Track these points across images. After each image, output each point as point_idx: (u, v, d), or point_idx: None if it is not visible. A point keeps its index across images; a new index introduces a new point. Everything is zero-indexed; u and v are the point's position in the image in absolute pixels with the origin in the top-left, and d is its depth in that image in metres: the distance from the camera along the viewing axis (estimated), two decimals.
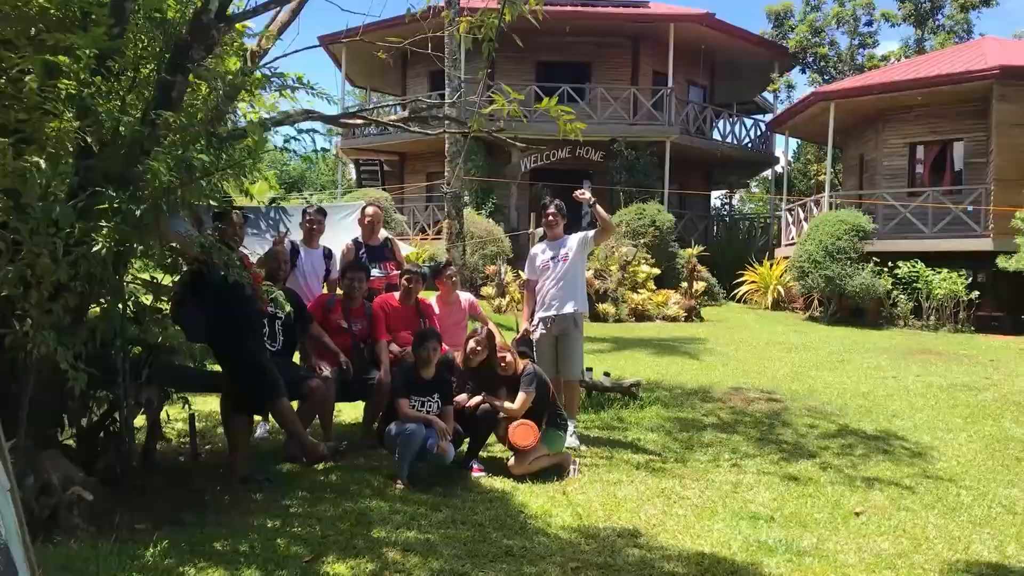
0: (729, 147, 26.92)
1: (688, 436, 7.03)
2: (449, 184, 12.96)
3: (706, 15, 23.55)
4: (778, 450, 6.68)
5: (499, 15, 6.54)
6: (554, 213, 6.93)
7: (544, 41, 22.45)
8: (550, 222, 6.96)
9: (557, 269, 6.83)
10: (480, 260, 18.05)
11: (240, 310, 5.29)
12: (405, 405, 5.50)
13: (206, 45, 4.88)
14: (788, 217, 22.82)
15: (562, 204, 7.02)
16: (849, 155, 23.88)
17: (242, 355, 5.34)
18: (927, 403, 8.73)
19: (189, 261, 5.02)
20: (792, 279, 18.57)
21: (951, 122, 19.25)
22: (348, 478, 5.48)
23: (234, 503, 4.83)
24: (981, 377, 10.56)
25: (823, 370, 10.83)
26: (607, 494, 5.37)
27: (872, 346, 13.70)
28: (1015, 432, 7.53)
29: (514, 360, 5.94)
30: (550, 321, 6.80)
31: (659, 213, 20.15)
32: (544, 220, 7.04)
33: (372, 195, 21.92)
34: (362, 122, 6.62)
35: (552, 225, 6.96)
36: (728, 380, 9.65)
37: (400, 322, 6.61)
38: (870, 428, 7.54)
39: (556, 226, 6.96)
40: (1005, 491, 5.77)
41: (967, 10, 30.36)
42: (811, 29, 31.37)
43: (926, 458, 6.60)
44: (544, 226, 7.07)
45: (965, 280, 16.46)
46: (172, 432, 6.36)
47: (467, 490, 5.34)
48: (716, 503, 5.28)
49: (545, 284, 6.87)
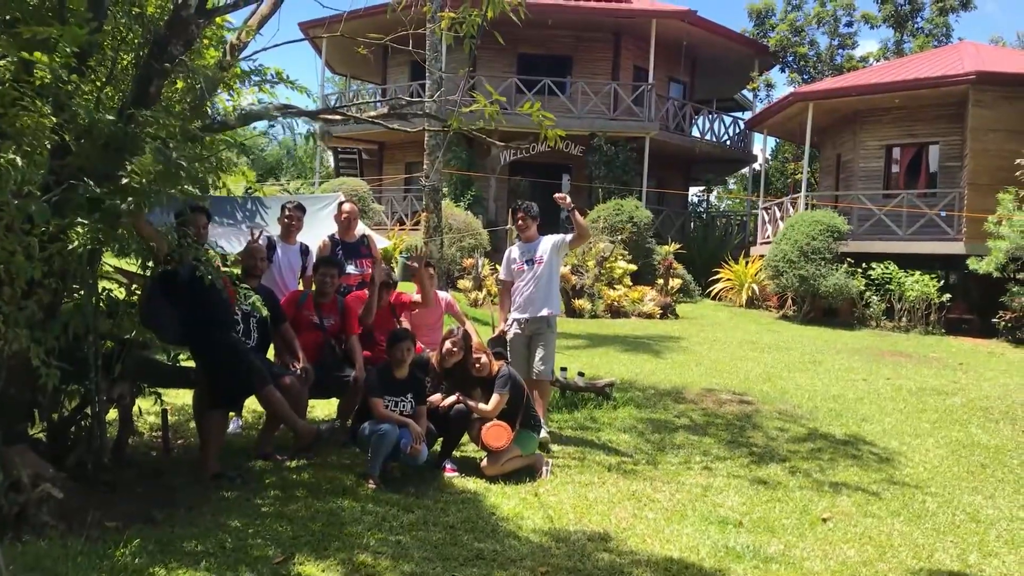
0: (708, 144, 27.06)
1: (660, 438, 7.09)
2: (428, 177, 12.93)
3: (688, 12, 23.60)
4: (748, 453, 6.75)
5: (482, 14, 6.54)
6: (523, 216, 6.92)
7: (525, 34, 22.35)
8: (520, 226, 6.97)
9: (531, 272, 6.87)
10: (458, 252, 18.04)
11: (213, 306, 5.30)
12: (379, 405, 5.51)
13: (185, 40, 4.84)
14: (764, 216, 22.98)
15: (532, 206, 7.00)
16: (826, 155, 24.08)
17: (222, 349, 5.33)
18: (896, 407, 8.85)
19: (161, 258, 5.00)
20: (767, 278, 18.72)
21: (927, 125, 19.46)
22: (320, 476, 5.48)
23: (205, 500, 4.81)
24: (950, 381, 10.71)
25: (795, 371, 10.94)
26: (578, 496, 5.41)
27: (844, 347, 13.85)
28: (981, 438, 7.66)
29: (489, 361, 5.96)
30: (524, 322, 6.84)
31: (637, 209, 20.22)
32: (515, 224, 7.05)
33: (350, 184, 21.83)
34: (341, 118, 6.58)
35: (523, 228, 6.97)
36: (701, 381, 9.73)
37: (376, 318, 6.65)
38: (839, 432, 7.64)
39: (527, 229, 6.97)
40: (969, 498, 5.88)
41: (946, 13, 30.65)
42: (792, 28, 31.54)
43: (893, 464, 6.70)
44: (515, 229, 7.08)
45: (937, 283, 16.67)
46: (144, 426, 6.33)
47: (439, 491, 5.36)
48: (686, 507, 5.33)
49: (519, 286, 6.91)
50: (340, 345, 6.41)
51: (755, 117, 26.25)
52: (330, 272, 6.41)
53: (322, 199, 11.18)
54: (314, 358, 6.13)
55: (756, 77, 27.84)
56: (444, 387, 6.04)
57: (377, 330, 6.56)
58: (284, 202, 7.41)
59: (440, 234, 13.23)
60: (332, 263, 6.58)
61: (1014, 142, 16.31)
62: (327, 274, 6.39)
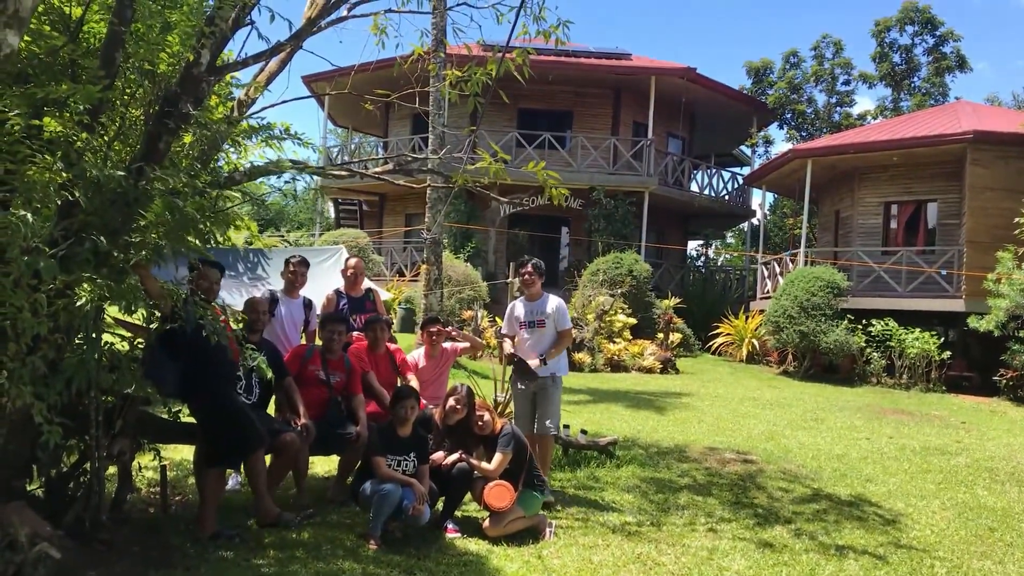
0: (706, 199, 27.25)
1: (664, 498, 7.00)
2: (430, 230, 12.98)
3: (687, 69, 23.92)
4: (753, 515, 6.66)
5: (488, 72, 6.61)
6: (531, 272, 6.92)
7: (526, 89, 22.51)
8: (527, 281, 6.96)
9: (534, 334, 6.88)
10: (457, 304, 18.03)
11: (217, 363, 5.28)
12: (382, 464, 5.45)
13: (195, 97, 4.88)
14: (764, 271, 23.05)
15: (540, 263, 7.02)
16: (824, 211, 24.22)
17: (220, 408, 5.29)
18: (900, 467, 8.76)
19: (167, 313, 4.97)
20: (767, 333, 18.71)
21: (925, 183, 19.62)
22: (320, 536, 5.39)
23: (203, 560, 4.73)
24: (953, 440, 10.63)
25: (798, 429, 10.86)
26: (583, 559, 5.32)
27: (846, 404, 13.78)
28: (988, 501, 7.57)
29: (492, 419, 5.91)
30: (528, 382, 6.82)
31: (636, 263, 20.27)
32: (521, 279, 7.04)
33: (350, 235, 21.91)
34: (347, 174, 6.63)
35: (529, 284, 6.95)
36: (704, 439, 9.65)
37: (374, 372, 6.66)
38: (844, 493, 7.55)
39: (533, 285, 6.95)
40: (979, 563, 5.78)
41: (942, 73, 31.11)
42: (790, 86, 31.98)
43: (899, 526, 6.60)
44: (521, 284, 7.08)
45: (937, 340, 16.65)
46: (142, 481, 6.24)
47: (441, 552, 5.27)
48: (692, 571, 5.24)
49: (524, 344, 6.91)
50: (346, 402, 6.36)
51: (754, 173, 26.47)
52: (337, 329, 6.40)
53: (324, 251, 11.20)
54: (318, 414, 6.08)
55: (755, 133, 28.15)
56: (446, 444, 5.98)
57: (378, 378, 6.55)
58: (287, 256, 7.41)
59: (440, 286, 13.24)
60: (340, 320, 6.58)
61: (1011, 201, 16.39)
62: (335, 331, 6.37)
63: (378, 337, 6.79)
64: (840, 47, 32.75)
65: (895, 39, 32.09)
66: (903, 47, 32.08)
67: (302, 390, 6.17)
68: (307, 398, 6.13)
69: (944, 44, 31.38)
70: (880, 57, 32.20)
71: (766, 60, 33.14)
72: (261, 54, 5.74)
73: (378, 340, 6.79)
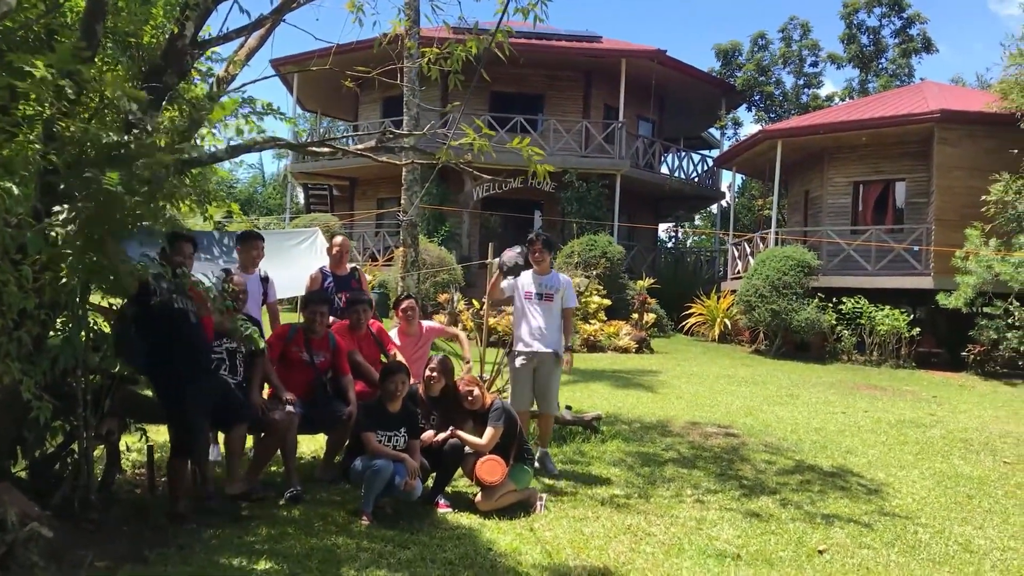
0: (677, 181, 27.34)
1: (650, 471, 7.05)
2: (406, 212, 12.90)
3: (657, 52, 23.95)
4: (739, 486, 6.73)
5: (468, 49, 6.57)
6: (541, 249, 6.96)
7: (498, 72, 22.45)
8: (537, 258, 6.98)
9: (542, 306, 6.89)
10: (432, 288, 17.97)
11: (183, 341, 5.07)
12: (372, 439, 5.42)
13: (180, 70, 4.81)
14: (734, 251, 23.21)
15: (550, 238, 7.09)
16: (794, 191, 24.42)
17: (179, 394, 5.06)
18: (878, 439, 8.89)
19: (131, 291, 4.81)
20: (739, 313, 18.86)
21: (894, 162, 19.84)
22: (311, 513, 5.36)
23: (197, 539, 4.68)
24: (926, 413, 10.81)
25: (775, 405, 10.98)
26: (574, 531, 5.34)
27: (819, 381, 13.95)
28: (964, 470, 7.71)
29: (482, 394, 5.91)
30: (532, 355, 6.84)
31: (610, 245, 20.31)
32: (531, 255, 7.02)
33: (321, 220, 21.73)
34: (329, 151, 6.56)
35: (539, 260, 6.99)
36: (684, 414, 9.72)
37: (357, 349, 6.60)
38: (826, 464, 7.65)
39: (543, 261, 6.99)
40: (960, 529, 5.89)
41: (909, 55, 31.42)
42: (758, 68, 32.13)
43: (882, 495, 6.71)
44: (532, 261, 7.04)
45: (907, 317, 16.88)
46: (127, 463, 6.16)
47: (434, 526, 5.27)
48: (682, 540, 5.28)
49: (529, 316, 6.92)
50: (333, 383, 6.29)
51: (724, 154, 26.61)
52: (320, 309, 6.28)
53: (300, 234, 11.10)
54: (304, 395, 6.01)
55: (724, 115, 28.29)
56: (434, 417, 5.97)
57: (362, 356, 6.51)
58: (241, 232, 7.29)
59: (417, 269, 13.18)
60: (323, 300, 6.48)
61: (978, 179, 16.64)
62: (317, 311, 6.25)
63: (360, 319, 6.72)
64: (808, 29, 32.96)
65: (863, 20, 32.38)
66: (871, 29, 32.37)
67: (286, 372, 6.10)
68: (292, 380, 6.06)
69: (911, 26, 31.70)
70: (848, 39, 32.47)
71: (735, 42, 33.27)
72: (243, 28, 5.67)
73: (360, 322, 6.72)
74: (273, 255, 8.19)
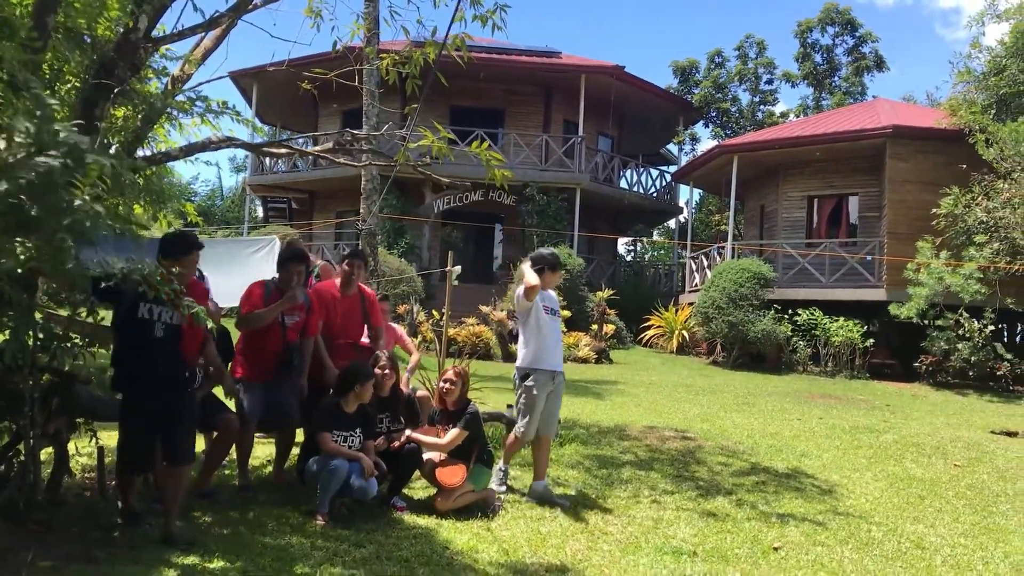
0: (636, 196, 27.58)
1: (607, 473, 7.07)
2: (364, 221, 12.85)
3: (616, 68, 24.20)
4: (695, 487, 6.77)
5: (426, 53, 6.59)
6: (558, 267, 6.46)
7: (458, 86, 22.50)
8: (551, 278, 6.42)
9: (555, 321, 6.44)
10: (392, 300, 17.88)
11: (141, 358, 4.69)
12: (328, 439, 5.37)
13: (132, 64, 4.76)
14: (692, 264, 23.44)
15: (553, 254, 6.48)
16: (749, 206, 24.76)
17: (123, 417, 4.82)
18: (832, 444, 9.00)
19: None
20: (696, 324, 19.03)
21: (847, 177, 20.20)
22: (265, 514, 5.29)
23: (147, 539, 4.59)
24: (880, 420, 10.97)
25: (731, 411, 11.08)
26: (531, 530, 5.33)
27: (775, 390, 14.10)
28: (916, 472, 7.83)
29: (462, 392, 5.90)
30: (557, 376, 6.37)
31: (569, 257, 20.39)
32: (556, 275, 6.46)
33: (279, 231, 21.54)
34: (286, 151, 6.52)
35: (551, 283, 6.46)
36: (642, 419, 9.76)
37: (340, 315, 6.31)
38: (781, 466, 7.73)
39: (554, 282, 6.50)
40: (912, 527, 5.98)
41: (861, 73, 32.09)
42: (715, 85, 32.60)
43: (836, 496, 6.79)
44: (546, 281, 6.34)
45: (861, 328, 17.15)
46: (76, 466, 6.02)
47: (390, 526, 5.23)
48: (639, 539, 5.30)
49: (551, 335, 6.34)
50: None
51: (681, 169, 26.90)
52: (298, 268, 5.92)
53: (255, 242, 11.04)
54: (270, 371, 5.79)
55: (681, 131, 28.64)
56: (387, 416, 5.92)
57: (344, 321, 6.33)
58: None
59: (376, 279, 13.12)
60: (300, 258, 6.07)
61: (929, 193, 17.02)
62: (295, 270, 5.89)
63: (354, 273, 6.34)
64: (763, 47, 33.55)
65: (817, 39, 33.03)
66: (824, 47, 33.04)
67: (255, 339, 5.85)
68: (262, 349, 5.81)
69: (863, 44, 32.41)
70: (803, 57, 33.10)
71: (692, 60, 33.75)
72: (199, 26, 5.63)
73: (352, 279, 6.35)
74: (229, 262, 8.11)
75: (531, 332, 6.28)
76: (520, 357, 6.35)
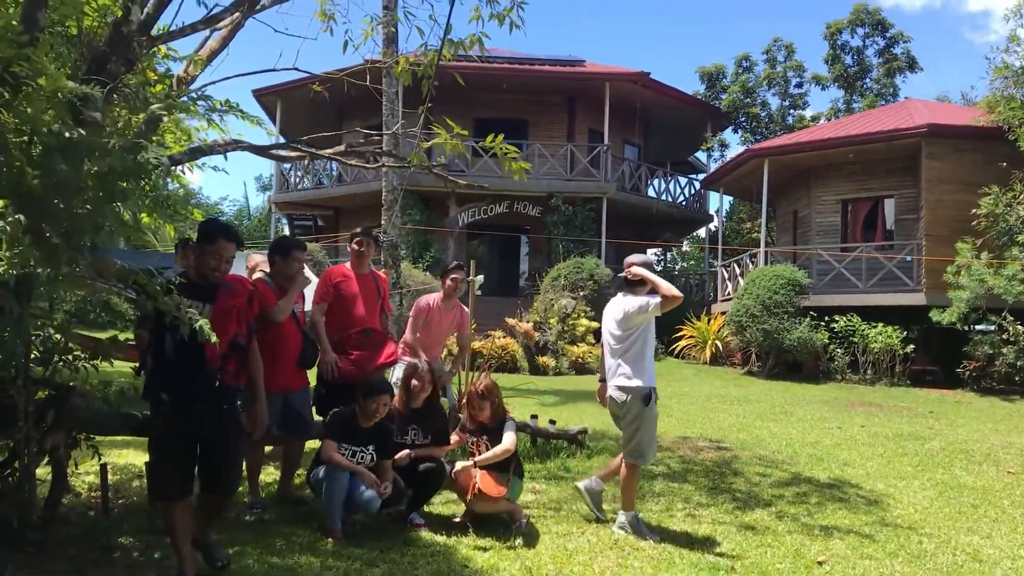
0: (664, 204, 27.17)
1: (639, 485, 6.68)
2: (386, 232, 12.62)
3: (641, 74, 23.87)
4: (731, 499, 6.40)
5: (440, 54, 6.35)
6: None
7: (481, 98, 22.48)
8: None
9: None
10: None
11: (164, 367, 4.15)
12: (331, 446, 5.03)
13: (126, 59, 4.52)
14: (724, 273, 22.96)
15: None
16: (781, 212, 24.24)
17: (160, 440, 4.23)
18: (876, 452, 8.58)
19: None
20: (730, 333, 18.57)
21: (881, 179, 19.64)
22: (273, 531, 5.00)
23: (148, 562, 4.32)
24: (924, 427, 10.51)
25: (768, 421, 10.66)
26: (557, 547, 5.00)
27: (812, 399, 13.64)
28: (967, 480, 7.40)
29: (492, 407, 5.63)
30: None
31: (597, 267, 20.08)
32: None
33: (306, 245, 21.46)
34: (296, 154, 6.28)
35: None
36: (674, 430, 9.39)
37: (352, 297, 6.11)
38: (823, 476, 7.33)
39: None
40: (967, 539, 5.57)
41: (893, 74, 31.42)
42: (743, 90, 32.05)
43: (882, 506, 6.39)
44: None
45: (900, 334, 16.59)
46: (81, 485, 5.79)
47: (407, 544, 4.90)
48: (673, 554, 4.95)
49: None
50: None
51: (711, 175, 26.44)
52: (299, 257, 5.65)
53: None
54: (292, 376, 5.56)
55: (709, 137, 28.20)
56: (414, 429, 5.60)
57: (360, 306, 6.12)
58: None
59: (399, 291, 12.87)
60: (301, 246, 5.79)
61: (967, 193, 16.49)
62: (297, 259, 5.61)
63: (364, 252, 6.24)
64: (792, 50, 32.95)
65: (847, 41, 32.40)
66: (855, 49, 32.38)
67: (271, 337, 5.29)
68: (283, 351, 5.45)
69: (895, 45, 31.75)
70: (832, 59, 32.45)
71: (719, 65, 33.21)
72: (199, 22, 5.41)
73: (363, 257, 6.24)
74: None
75: (648, 346, 5.57)
76: (636, 372, 5.49)
